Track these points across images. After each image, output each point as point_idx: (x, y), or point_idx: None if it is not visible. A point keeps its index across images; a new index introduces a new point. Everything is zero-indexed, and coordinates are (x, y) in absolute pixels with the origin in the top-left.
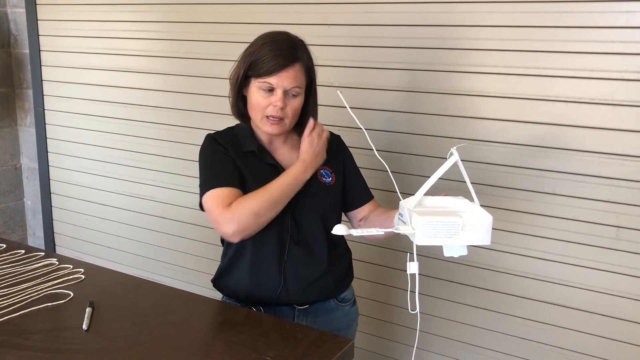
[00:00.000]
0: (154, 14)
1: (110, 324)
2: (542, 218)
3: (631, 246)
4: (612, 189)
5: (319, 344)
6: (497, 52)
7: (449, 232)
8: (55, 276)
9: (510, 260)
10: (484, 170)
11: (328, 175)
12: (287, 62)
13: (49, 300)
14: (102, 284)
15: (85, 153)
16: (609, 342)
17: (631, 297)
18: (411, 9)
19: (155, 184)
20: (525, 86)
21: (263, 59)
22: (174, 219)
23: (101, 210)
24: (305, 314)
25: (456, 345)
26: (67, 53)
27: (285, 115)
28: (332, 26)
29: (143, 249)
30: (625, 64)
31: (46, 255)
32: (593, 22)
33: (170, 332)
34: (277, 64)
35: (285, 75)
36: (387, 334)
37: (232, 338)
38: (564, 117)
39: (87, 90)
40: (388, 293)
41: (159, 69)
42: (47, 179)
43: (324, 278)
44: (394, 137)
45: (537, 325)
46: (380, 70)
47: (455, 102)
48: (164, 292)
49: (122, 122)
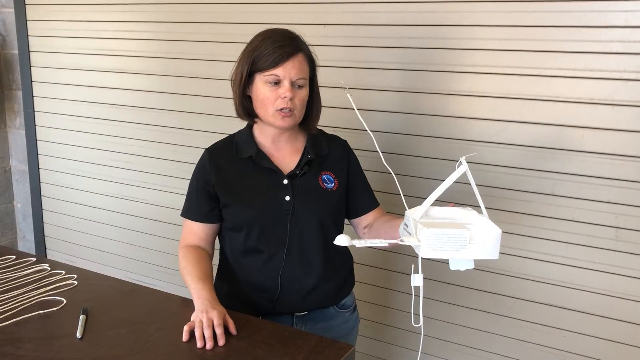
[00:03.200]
0: (145, 14)
1: (105, 331)
2: (541, 219)
3: (630, 247)
4: (611, 189)
5: (319, 350)
6: (495, 52)
7: (456, 245)
8: (47, 282)
9: (509, 261)
10: (483, 171)
11: (331, 180)
12: (292, 51)
13: (41, 307)
14: (96, 290)
15: (76, 155)
16: (609, 344)
17: (631, 298)
18: (408, 9)
19: (148, 186)
20: (525, 86)
21: (266, 52)
22: (167, 221)
23: (93, 213)
24: (303, 321)
25: (455, 347)
26: (57, 54)
27: (294, 107)
28: (328, 26)
29: (136, 252)
30: (624, 64)
31: (38, 260)
32: (592, 21)
33: (167, 339)
34: (282, 54)
35: (291, 65)
36: (388, 338)
37: (231, 345)
38: (563, 117)
39: (78, 92)
40: (389, 296)
41: (150, 70)
42: (37, 182)
43: (322, 286)
44: (390, 137)
45: (536, 327)
46: (377, 70)
47: (453, 102)
48: (160, 297)
49: (113, 124)
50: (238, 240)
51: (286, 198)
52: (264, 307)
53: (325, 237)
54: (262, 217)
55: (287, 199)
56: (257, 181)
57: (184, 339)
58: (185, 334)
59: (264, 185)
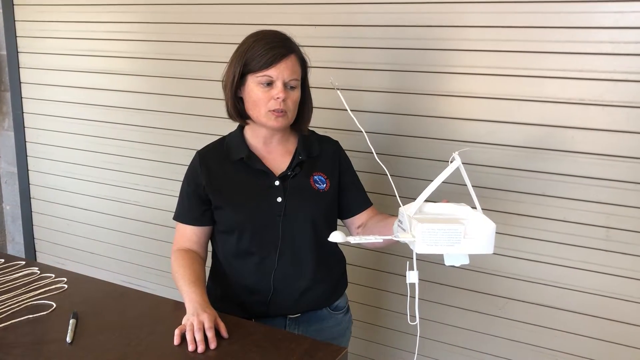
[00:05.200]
0: (136, 14)
1: (96, 335)
2: (532, 219)
3: (621, 247)
4: (602, 189)
5: (312, 353)
6: (486, 52)
7: (450, 240)
8: (36, 286)
9: (500, 261)
10: (474, 172)
11: (322, 181)
12: (284, 52)
13: (30, 312)
14: (86, 293)
15: (66, 157)
16: (600, 343)
17: (622, 297)
18: (399, 10)
19: (139, 188)
20: (515, 87)
21: (259, 53)
22: (158, 223)
23: (83, 215)
24: (296, 323)
25: (446, 347)
26: (47, 55)
27: (287, 108)
28: (319, 27)
29: (128, 254)
30: (614, 65)
31: (27, 264)
32: (582, 22)
33: (159, 342)
34: (275, 55)
35: (284, 66)
36: (381, 339)
37: (222, 348)
38: (554, 117)
39: (68, 93)
40: (382, 298)
41: (140, 71)
42: (26, 184)
43: (315, 287)
44: (380, 138)
45: (528, 327)
46: (367, 71)
47: (443, 103)
48: (151, 300)
49: (103, 125)
50: (230, 243)
51: (278, 200)
52: (256, 309)
53: (317, 238)
54: (254, 219)
55: (278, 201)
56: (248, 183)
57: (175, 343)
58: (176, 337)
59: (255, 187)
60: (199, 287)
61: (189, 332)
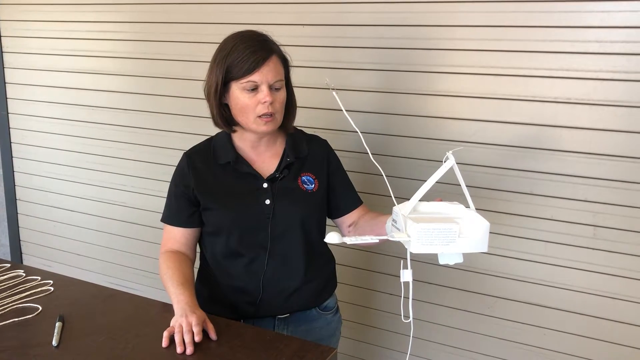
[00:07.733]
0: (121, 14)
1: (82, 338)
2: (520, 218)
3: (608, 245)
4: (589, 188)
5: (301, 354)
6: (473, 52)
7: (445, 239)
8: (22, 289)
9: (489, 260)
10: (462, 171)
11: (311, 182)
12: (265, 55)
13: (15, 315)
14: (73, 296)
15: (52, 158)
16: (587, 341)
17: (608, 295)
18: (388, 9)
19: (126, 189)
20: (503, 86)
21: (239, 59)
22: (145, 224)
23: (70, 217)
24: (285, 324)
25: (436, 347)
26: (32, 54)
27: (275, 110)
28: (307, 26)
29: (115, 256)
30: (601, 64)
31: (12, 266)
32: (568, 22)
33: (146, 345)
34: (256, 59)
35: (267, 69)
36: (370, 339)
37: (211, 350)
38: (541, 117)
39: (53, 93)
40: (371, 297)
41: (126, 71)
42: (12, 185)
43: (304, 288)
44: (369, 138)
45: (516, 325)
46: (356, 70)
47: (432, 102)
48: (139, 302)
49: (89, 126)
50: (218, 245)
51: (266, 202)
52: (245, 310)
53: (306, 238)
54: (242, 221)
55: (267, 203)
56: (237, 185)
57: (164, 345)
58: (165, 339)
59: (243, 189)
60: (188, 288)
61: (177, 334)
